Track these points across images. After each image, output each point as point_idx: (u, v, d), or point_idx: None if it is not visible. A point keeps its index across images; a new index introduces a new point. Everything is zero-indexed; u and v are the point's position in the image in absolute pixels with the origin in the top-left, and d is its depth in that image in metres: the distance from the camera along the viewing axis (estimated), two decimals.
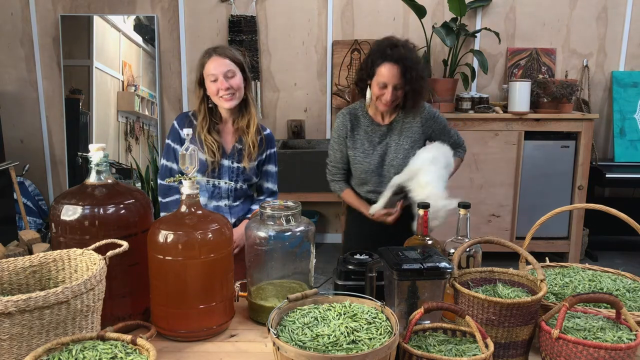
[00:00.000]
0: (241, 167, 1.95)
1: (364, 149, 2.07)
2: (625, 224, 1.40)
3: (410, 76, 1.92)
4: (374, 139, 2.08)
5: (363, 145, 2.07)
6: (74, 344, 1.00)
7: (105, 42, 4.17)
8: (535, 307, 1.17)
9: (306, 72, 4.26)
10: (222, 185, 1.95)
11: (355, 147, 2.08)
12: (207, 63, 1.88)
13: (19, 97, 4.25)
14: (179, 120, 1.99)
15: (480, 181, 3.91)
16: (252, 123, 1.96)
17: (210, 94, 1.90)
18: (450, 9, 3.83)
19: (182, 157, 1.34)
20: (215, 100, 1.92)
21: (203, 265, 1.27)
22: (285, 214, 1.36)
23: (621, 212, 1.41)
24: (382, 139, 2.08)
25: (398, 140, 2.06)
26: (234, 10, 4.14)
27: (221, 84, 1.86)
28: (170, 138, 1.99)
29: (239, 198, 2.01)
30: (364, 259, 1.43)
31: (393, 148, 2.06)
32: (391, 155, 2.06)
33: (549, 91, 3.77)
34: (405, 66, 1.91)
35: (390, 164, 2.05)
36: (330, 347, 0.99)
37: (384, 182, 2.05)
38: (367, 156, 2.06)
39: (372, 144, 2.07)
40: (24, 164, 4.03)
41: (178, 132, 1.96)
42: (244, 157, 1.95)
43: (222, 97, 1.89)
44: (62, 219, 1.27)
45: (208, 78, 1.88)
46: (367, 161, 2.06)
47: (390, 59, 1.92)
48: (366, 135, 2.08)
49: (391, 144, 2.06)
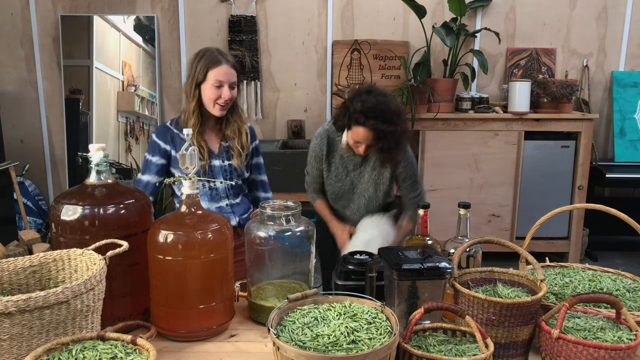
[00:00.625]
0: (233, 165, 1.97)
1: (337, 173, 2.12)
2: (625, 224, 1.40)
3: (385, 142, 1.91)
4: (348, 166, 2.12)
5: (337, 169, 2.12)
6: (74, 344, 1.00)
7: (105, 42, 4.16)
8: (535, 307, 1.17)
9: (306, 72, 4.25)
10: (219, 185, 1.96)
11: (330, 170, 2.13)
12: (216, 68, 1.86)
13: (19, 97, 4.25)
14: (158, 134, 1.96)
15: (480, 181, 3.91)
16: (242, 130, 1.98)
17: (208, 98, 1.88)
18: (450, 9, 3.83)
19: (182, 157, 1.34)
20: (209, 105, 1.90)
21: (203, 265, 1.27)
22: (285, 214, 1.36)
23: (621, 212, 1.41)
24: (356, 167, 2.12)
25: (371, 174, 2.10)
26: (234, 10, 4.13)
27: (225, 94, 1.87)
28: (150, 152, 1.96)
29: (238, 195, 2.03)
30: (364, 259, 1.43)
31: (365, 179, 2.11)
32: (363, 186, 2.12)
33: (549, 91, 3.77)
34: (379, 135, 1.89)
35: (361, 194, 2.13)
36: (330, 347, 0.99)
37: (355, 204, 2.15)
38: (340, 181, 2.12)
39: (345, 170, 2.12)
40: (24, 164, 4.02)
41: (157, 144, 1.95)
42: (233, 155, 1.96)
43: (218, 105, 1.89)
44: (62, 219, 1.26)
45: (212, 83, 1.86)
46: (338, 185, 2.13)
47: (366, 125, 1.88)
48: (341, 161, 2.12)
49: (364, 174, 2.11)
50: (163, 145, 1.95)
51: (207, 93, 1.88)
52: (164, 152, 1.95)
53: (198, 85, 1.89)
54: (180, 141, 1.94)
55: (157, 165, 1.95)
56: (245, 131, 1.99)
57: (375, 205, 2.15)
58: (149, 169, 1.95)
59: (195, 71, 1.89)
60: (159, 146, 1.95)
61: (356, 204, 2.15)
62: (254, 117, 4.25)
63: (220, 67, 1.87)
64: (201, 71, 1.88)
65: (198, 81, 1.89)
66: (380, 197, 2.13)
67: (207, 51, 1.91)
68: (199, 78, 1.88)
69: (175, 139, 1.96)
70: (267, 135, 4.31)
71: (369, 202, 2.13)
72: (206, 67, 1.87)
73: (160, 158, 1.95)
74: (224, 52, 1.93)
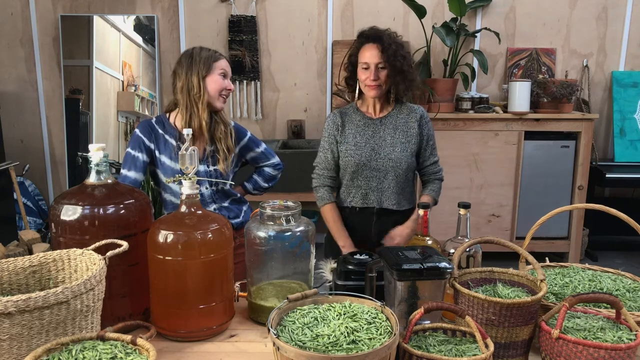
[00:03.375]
0: (219, 170, 1.93)
1: (355, 142, 2.03)
2: (625, 224, 1.40)
3: (391, 52, 1.93)
4: (366, 132, 2.04)
5: (355, 138, 2.03)
6: (74, 344, 1.00)
7: (105, 42, 4.16)
8: (535, 307, 1.17)
9: (306, 72, 4.25)
10: (203, 190, 1.92)
11: (347, 141, 2.04)
12: (219, 61, 1.89)
13: (19, 97, 4.25)
14: (142, 129, 1.90)
15: (480, 181, 3.91)
16: (228, 130, 1.95)
17: (214, 89, 1.88)
18: (450, 9, 3.82)
19: (182, 157, 1.34)
20: (214, 97, 1.88)
21: (203, 265, 1.27)
22: (285, 214, 1.36)
23: (621, 212, 1.41)
24: (375, 132, 2.04)
25: (394, 134, 2.02)
26: (234, 10, 4.14)
27: (229, 84, 1.91)
28: (133, 147, 1.88)
29: (226, 200, 2.00)
30: (364, 259, 1.43)
31: (389, 142, 2.02)
32: (387, 149, 2.01)
33: (549, 91, 3.77)
34: (383, 44, 1.93)
35: (387, 157, 2.00)
36: (330, 347, 0.99)
37: (377, 176, 2.01)
38: (359, 149, 2.02)
39: (363, 137, 2.03)
40: (24, 164, 4.03)
41: (142, 140, 1.88)
42: (219, 159, 1.92)
43: (223, 96, 1.91)
44: (62, 219, 1.26)
45: (219, 72, 1.88)
46: (358, 154, 2.01)
47: (367, 39, 1.97)
48: (358, 129, 2.05)
49: (386, 137, 2.02)
50: (147, 142, 1.88)
51: (215, 83, 1.88)
52: (147, 149, 1.88)
53: (204, 78, 1.87)
54: (164, 143, 1.89)
55: (143, 163, 1.88)
56: (230, 132, 1.96)
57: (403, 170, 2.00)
58: (135, 166, 1.87)
59: (198, 65, 1.86)
60: (144, 142, 1.88)
61: (381, 172, 2.01)
62: (254, 117, 4.25)
63: (222, 60, 1.91)
64: (205, 64, 1.86)
65: (203, 74, 1.86)
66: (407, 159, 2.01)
67: (201, 48, 1.91)
68: (204, 72, 1.86)
69: (160, 139, 1.90)
70: (267, 135, 4.31)
71: (396, 164, 1.99)
72: (209, 59, 1.88)
73: (145, 155, 1.88)
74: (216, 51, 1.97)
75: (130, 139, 1.92)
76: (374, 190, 2.03)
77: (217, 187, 1.95)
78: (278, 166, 2.17)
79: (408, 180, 2.07)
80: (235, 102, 4.23)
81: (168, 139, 1.89)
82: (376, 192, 2.03)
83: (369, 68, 1.95)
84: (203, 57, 1.87)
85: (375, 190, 2.03)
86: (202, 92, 1.86)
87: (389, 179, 2.02)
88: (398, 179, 2.02)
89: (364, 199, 2.05)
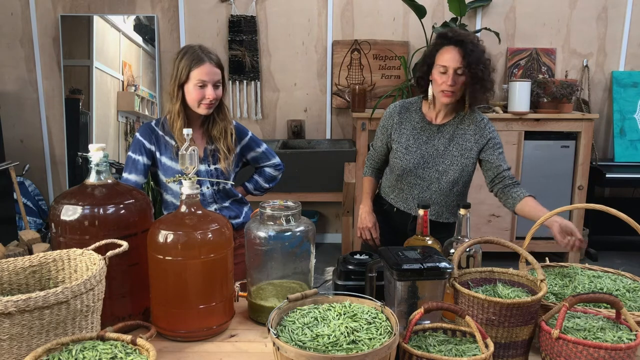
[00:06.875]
0: (219, 169, 1.92)
1: (407, 145, 1.96)
2: (625, 224, 1.40)
3: (473, 59, 1.82)
4: (420, 137, 1.96)
5: (408, 141, 1.96)
6: (74, 344, 1.00)
7: (105, 42, 4.17)
8: (535, 307, 1.17)
9: (306, 72, 4.26)
10: (205, 190, 1.92)
11: (400, 141, 1.97)
12: (199, 68, 1.79)
13: (19, 97, 4.25)
14: (142, 133, 1.89)
15: (480, 181, 3.90)
16: (228, 130, 1.92)
17: (192, 99, 1.82)
18: (450, 9, 3.83)
19: (182, 157, 1.34)
20: (193, 106, 1.84)
21: (203, 265, 1.27)
22: (285, 214, 1.36)
23: (621, 212, 1.41)
24: (430, 139, 1.96)
25: (448, 145, 1.94)
26: (234, 10, 4.14)
27: (209, 94, 1.80)
28: (134, 150, 1.88)
29: (226, 199, 1.99)
30: (364, 259, 1.43)
31: (441, 152, 1.94)
32: (437, 160, 1.94)
33: (549, 91, 3.77)
34: (466, 49, 1.82)
35: (434, 167, 1.94)
36: (330, 347, 0.99)
37: (420, 185, 1.97)
38: (409, 153, 1.95)
39: (417, 142, 1.96)
40: (24, 164, 4.03)
41: (142, 144, 1.88)
42: (219, 158, 1.91)
43: (204, 104, 1.83)
44: (62, 219, 1.26)
45: (195, 83, 1.79)
46: (407, 159, 1.95)
47: (450, 41, 1.85)
48: (413, 132, 1.97)
49: (439, 146, 1.94)
50: (148, 145, 1.88)
51: (190, 94, 1.82)
52: (148, 152, 1.88)
53: (181, 85, 1.82)
54: (165, 144, 1.88)
55: (144, 166, 1.87)
56: (230, 132, 1.93)
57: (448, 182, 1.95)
58: (136, 169, 1.86)
59: (177, 71, 1.82)
60: (144, 145, 1.87)
61: (426, 181, 1.95)
62: (254, 117, 4.25)
63: (203, 66, 1.79)
64: (184, 71, 1.80)
65: (181, 81, 1.81)
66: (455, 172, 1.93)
67: (190, 49, 1.83)
68: (182, 78, 1.81)
69: (160, 140, 1.89)
70: (267, 135, 4.31)
71: (441, 176, 1.93)
72: (188, 66, 1.79)
73: (146, 158, 1.88)
74: (207, 50, 1.85)
75: (131, 143, 1.92)
76: (415, 198, 1.99)
77: (218, 187, 1.95)
78: (279, 166, 2.16)
79: (453, 193, 1.99)
80: (235, 102, 4.24)
81: (168, 140, 1.89)
82: (417, 200, 1.98)
83: (446, 72, 1.84)
84: (185, 62, 1.81)
85: (417, 198, 1.99)
86: (177, 99, 1.83)
87: (432, 190, 1.97)
88: (441, 191, 1.97)
89: (405, 203, 2.02)
